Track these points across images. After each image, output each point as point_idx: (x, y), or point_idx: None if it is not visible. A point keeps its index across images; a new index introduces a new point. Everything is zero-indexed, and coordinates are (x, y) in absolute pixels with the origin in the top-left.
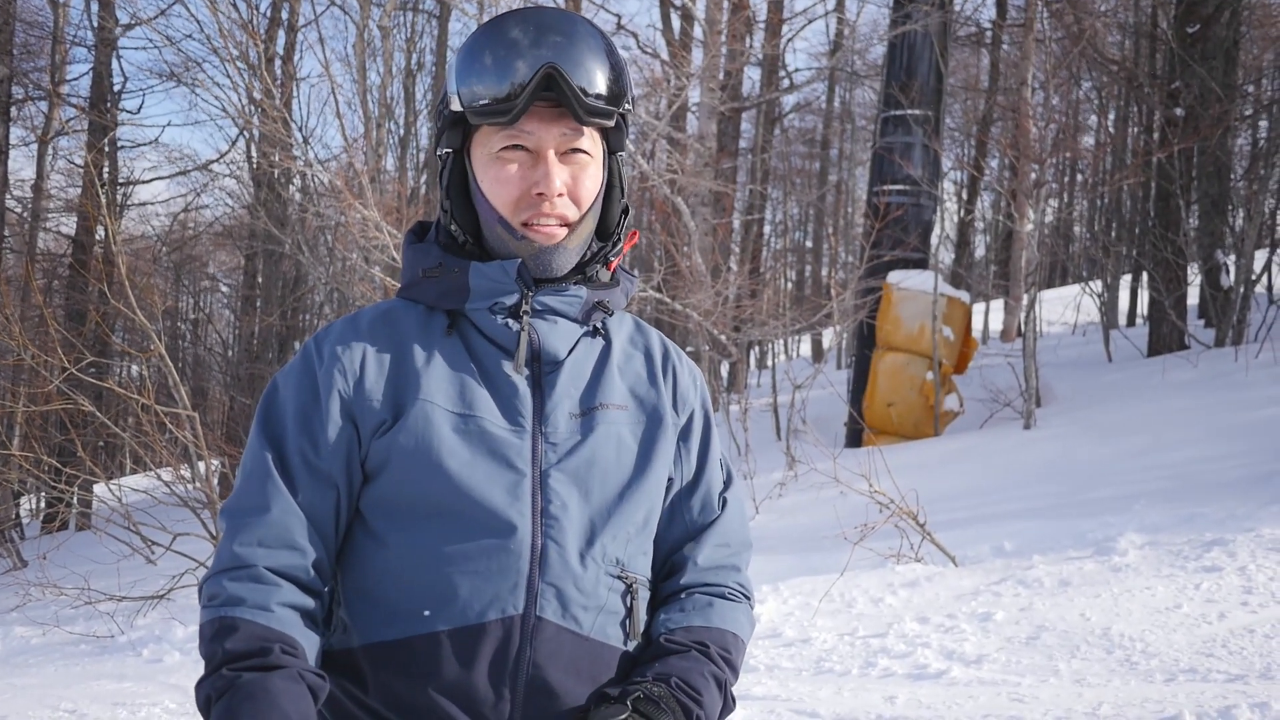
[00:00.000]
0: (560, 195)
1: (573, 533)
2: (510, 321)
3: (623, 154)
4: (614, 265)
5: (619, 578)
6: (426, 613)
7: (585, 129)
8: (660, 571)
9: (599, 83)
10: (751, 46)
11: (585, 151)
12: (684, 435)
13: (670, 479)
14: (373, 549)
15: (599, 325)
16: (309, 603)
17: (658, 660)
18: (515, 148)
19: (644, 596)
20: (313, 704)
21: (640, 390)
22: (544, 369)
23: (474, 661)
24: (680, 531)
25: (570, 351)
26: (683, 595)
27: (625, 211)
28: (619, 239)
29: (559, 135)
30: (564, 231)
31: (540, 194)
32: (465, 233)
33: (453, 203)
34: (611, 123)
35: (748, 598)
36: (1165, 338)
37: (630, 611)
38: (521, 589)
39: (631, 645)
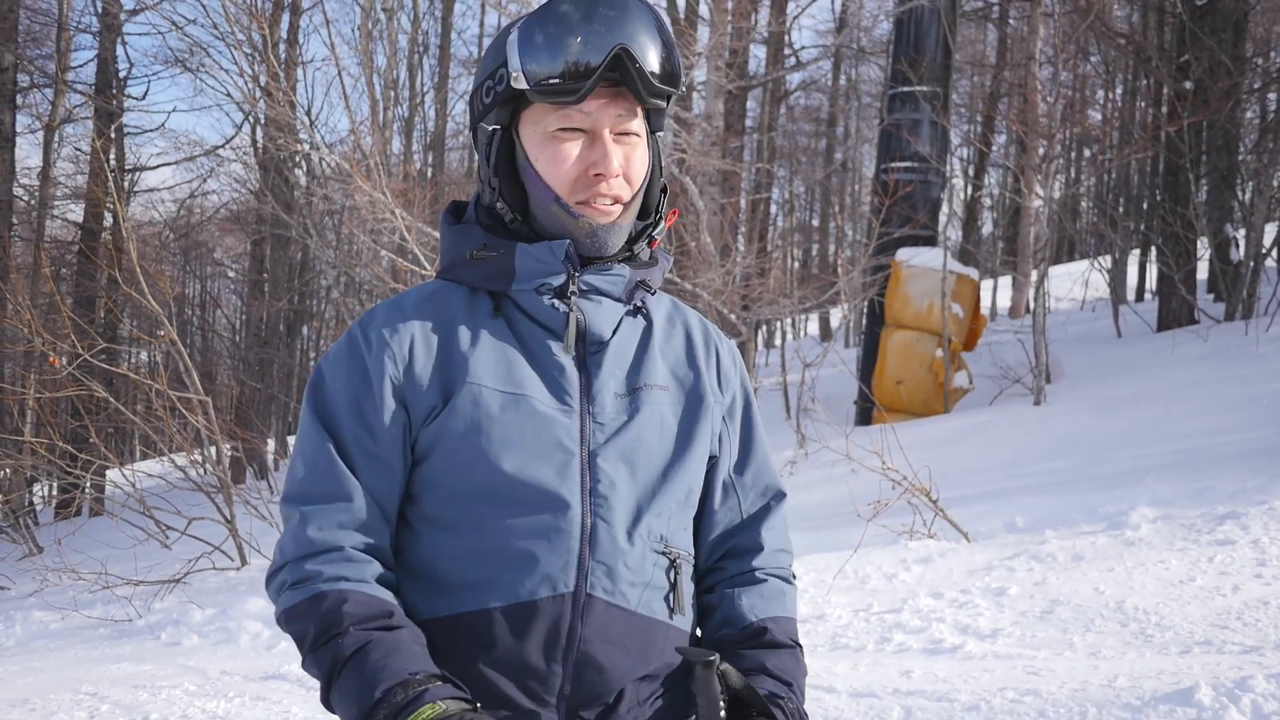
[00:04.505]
0: (616, 176)
1: (620, 511)
2: (557, 302)
3: (661, 134)
4: (656, 244)
5: (663, 554)
6: (478, 591)
7: (637, 109)
8: (719, 548)
9: (660, 64)
10: (757, 24)
11: (636, 133)
12: (729, 414)
13: (715, 457)
14: (424, 528)
15: (640, 303)
16: (392, 578)
17: (771, 652)
18: (572, 128)
19: (687, 571)
20: None
21: (680, 371)
22: (589, 349)
23: (526, 638)
24: (736, 511)
25: (615, 331)
26: (759, 576)
27: (664, 190)
28: (660, 217)
29: (614, 116)
30: (619, 209)
31: (599, 174)
32: (513, 210)
33: (500, 180)
34: (667, 104)
35: (796, 578)
36: (1175, 312)
37: (674, 586)
38: (572, 567)
39: (676, 619)
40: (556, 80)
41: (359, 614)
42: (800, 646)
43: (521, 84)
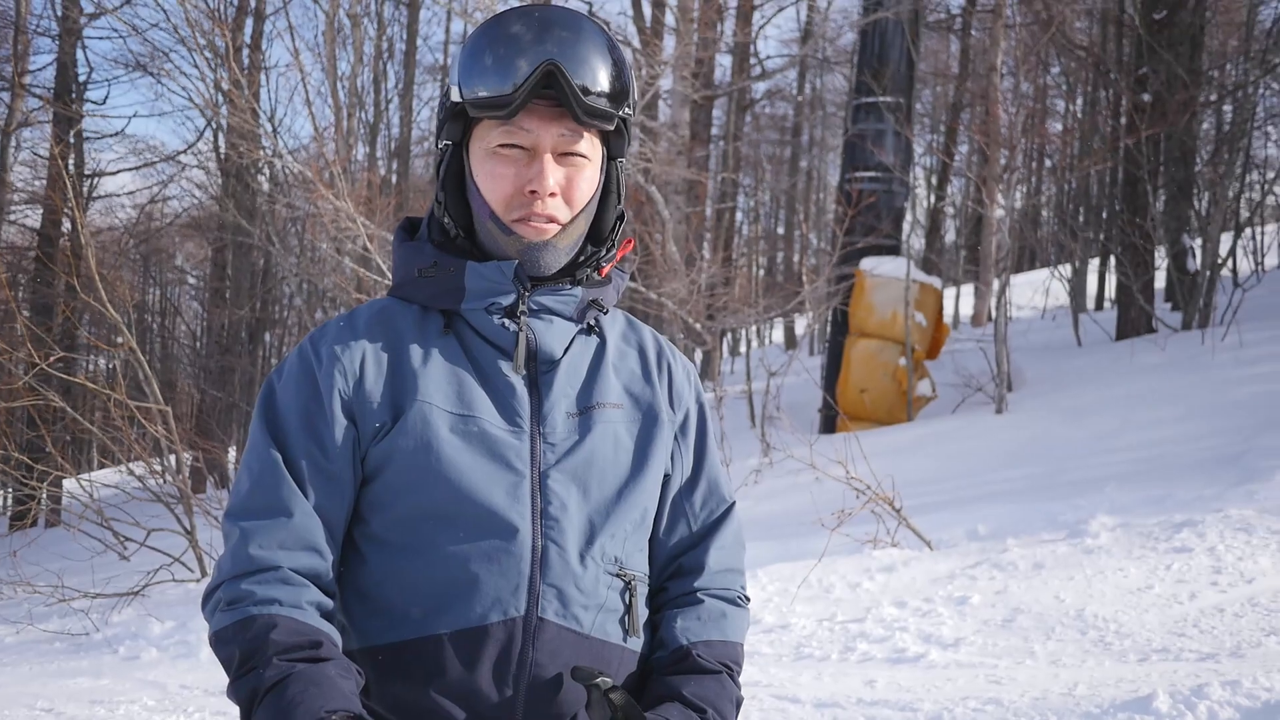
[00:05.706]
0: (553, 195)
1: (572, 533)
2: (507, 321)
3: (622, 160)
4: (606, 271)
5: (618, 575)
6: (427, 616)
7: (585, 132)
8: (666, 568)
9: (600, 83)
10: (722, 34)
11: (583, 155)
12: (681, 432)
13: (668, 476)
14: (371, 551)
15: (593, 323)
16: (329, 604)
17: (691, 678)
18: (513, 145)
19: (642, 592)
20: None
21: (635, 388)
22: (540, 368)
23: (476, 663)
24: (685, 530)
25: (566, 351)
26: (698, 598)
27: (620, 218)
28: (613, 245)
29: (557, 135)
30: (554, 229)
31: (533, 192)
32: (457, 226)
33: (447, 195)
34: (611, 125)
35: (748, 599)
36: (1133, 321)
37: (629, 608)
38: (523, 591)
39: (631, 641)
40: (486, 94)
41: (285, 642)
42: (731, 670)
43: (456, 96)
